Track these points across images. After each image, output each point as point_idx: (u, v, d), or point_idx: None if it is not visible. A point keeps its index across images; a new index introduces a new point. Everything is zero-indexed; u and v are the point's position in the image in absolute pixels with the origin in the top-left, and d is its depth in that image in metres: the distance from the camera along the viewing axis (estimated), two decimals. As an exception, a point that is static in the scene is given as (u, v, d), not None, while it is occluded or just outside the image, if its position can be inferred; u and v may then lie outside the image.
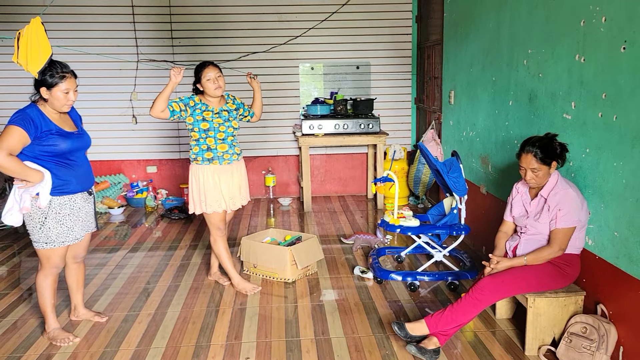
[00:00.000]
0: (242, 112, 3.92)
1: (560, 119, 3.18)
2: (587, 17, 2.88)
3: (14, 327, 3.43)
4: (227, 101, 3.83)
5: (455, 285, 3.85)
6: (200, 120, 3.66)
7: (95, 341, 3.23)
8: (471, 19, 4.59)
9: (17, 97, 5.92)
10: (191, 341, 3.21)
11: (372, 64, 6.65)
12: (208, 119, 3.66)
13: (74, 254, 3.33)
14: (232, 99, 3.89)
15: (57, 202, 3.03)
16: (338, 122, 6.06)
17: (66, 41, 6.04)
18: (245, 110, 3.94)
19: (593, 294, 2.95)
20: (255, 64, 6.47)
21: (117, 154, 6.64)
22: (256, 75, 4.00)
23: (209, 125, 3.66)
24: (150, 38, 6.39)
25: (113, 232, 5.54)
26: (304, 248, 4.10)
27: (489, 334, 3.23)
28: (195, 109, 3.66)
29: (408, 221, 3.91)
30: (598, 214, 2.88)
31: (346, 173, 6.92)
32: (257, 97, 4.00)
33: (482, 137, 4.42)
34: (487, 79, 4.27)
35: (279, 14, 6.47)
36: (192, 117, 3.65)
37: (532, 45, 3.50)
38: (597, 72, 2.81)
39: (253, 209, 6.31)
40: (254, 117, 4.01)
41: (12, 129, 2.85)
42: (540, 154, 2.88)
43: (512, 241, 3.19)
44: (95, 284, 4.10)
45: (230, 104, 3.84)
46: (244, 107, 3.94)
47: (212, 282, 4.10)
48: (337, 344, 3.14)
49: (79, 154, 3.14)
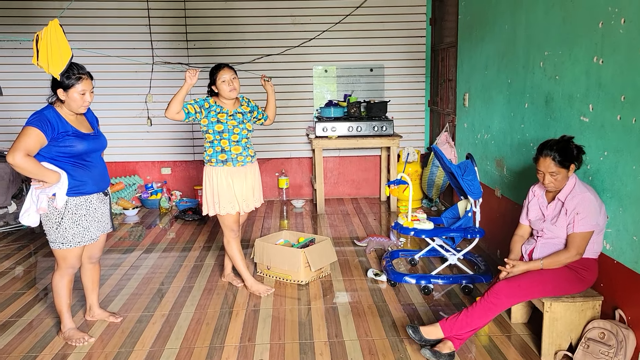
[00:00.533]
0: (256, 115, 3.91)
1: (578, 122, 3.15)
2: (605, 19, 2.84)
3: (30, 327, 3.46)
4: (241, 103, 3.83)
5: (470, 289, 3.82)
6: (214, 122, 3.67)
7: (110, 341, 3.25)
8: (486, 21, 4.56)
9: (34, 99, 5.98)
10: (205, 342, 3.22)
11: (385, 66, 6.63)
12: (222, 120, 3.67)
13: (89, 254, 3.35)
14: (247, 102, 3.89)
15: (73, 203, 3.05)
16: (351, 124, 6.05)
17: (82, 44, 6.10)
18: (260, 113, 3.94)
19: (611, 299, 2.91)
20: (269, 66, 6.48)
21: (132, 156, 6.69)
22: (270, 78, 4.00)
23: (224, 127, 3.67)
24: (165, 41, 6.43)
25: (128, 233, 5.58)
26: (317, 250, 4.10)
27: (504, 339, 3.20)
28: (210, 110, 3.67)
29: (422, 224, 3.89)
30: (616, 218, 2.85)
31: (359, 175, 6.91)
32: (271, 100, 3.99)
33: (497, 139, 4.39)
34: (503, 81, 4.23)
35: (293, 17, 6.48)
36: (206, 119, 3.67)
37: (549, 47, 3.47)
38: (615, 74, 2.78)
39: (266, 211, 6.32)
40: (268, 120, 4.00)
41: (29, 130, 2.88)
42: (558, 157, 2.85)
43: (528, 245, 3.15)
44: (110, 285, 4.12)
45: (244, 106, 3.84)
46: (258, 109, 3.94)
47: (226, 283, 4.11)
48: (350, 346, 3.13)
49: (95, 155, 3.17)
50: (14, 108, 6.32)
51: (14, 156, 2.80)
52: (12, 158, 2.80)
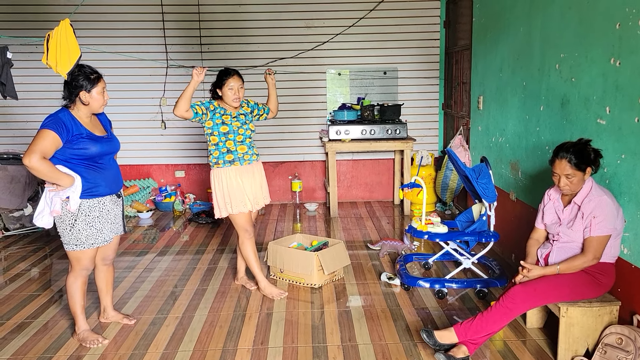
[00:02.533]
0: (258, 112, 3.96)
1: (594, 124, 3.10)
2: (622, 20, 2.81)
3: (45, 328, 3.49)
4: (242, 106, 3.89)
5: (484, 293, 3.78)
6: (220, 123, 3.71)
7: (124, 343, 3.26)
8: (501, 23, 4.53)
9: (49, 103, 6.04)
10: (218, 345, 3.22)
11: (399, 69, 6.61)
12: (227, 122, 3.73)
13: (103, 256, 3.37)
14: (247, 103, 3.95)
15: (86, 205, 3.07)
16: (365, 127, 6.03)
17: (96, 47, 6.15)
18: (260, 109, 3.98)
19: (629, 304, 2.86)
20: (282, 69, 6.50)
21: (146, 159, 6.74)
22: (274, 72, 4.04)
23: (229, 128, 3.72)
24: (179, 44, 6.47)
25: (142, 235, 5.61)
26: (330, 253, 4.08)
27: (519, 344, 3.16)
28: (215, 112, 3.73)
29: (436, 227, 3.86)
30: (634, 222, 2.80)
31: (373, 179, 6.88)
32: (272, 93, 4.03)
33: (511, 143, 4.35)
34: (518, 83, 4.20)
35: (307, 20, 6.49)
36: (211, 121, 3.71)
37: (565, 49, 3.43)
38: (633, 76, 2.74)
39: (279, 214, 6.32)
40: (270, 113, 4.04)
41: (45, 133, 2.91)
42: (574, 160, 2.81)
43: (543, 249, 3.11)
44: (124, 287, 4.14)
45: (245, 107, 3.90)
46: (259, 106, 3.99)
47: (239, 286, 4.11)
48: (364, 350, 3.11)
49: (108, 158, 3.19)
50: (30, 111, 6.39)
51: (30, 158, 2.83)
52: (28, 160, 2.83)
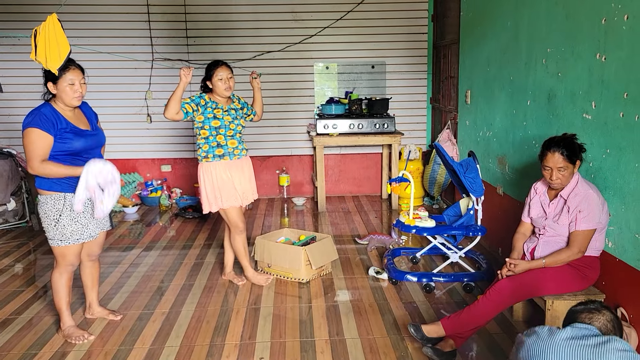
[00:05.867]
0: (246, 112, 3.97)
1: (580, 119, 3.12)
2: (608, 15, 2.82)
3: (30, 325, 3.45)
4: (233, 100, 3.89)
5: (471, 287, 3.80)
6: (211, 118, 3.70)
7: (110, 339, 3.24)
8: (488, 18, 4.54)
9: (33, 96, 5.95)
10: (205, 340, 3.20)
11: (387, 63, 6.60)
12: (219, 116, 3.71)
13: (88, 251, 3.33)
14: (238, 99, 3.96)
15: (71, 200, 3.02)
16: (353, 121, 6.03)
17: (81, 40, 6.08)
18: (249, 109, 4.01)
19: (613, 297, 2.90)
20: (269, 63, 6.46)
21: (131, 153, 6.67)
22: (260, 75, 4.05)
23: (220, 122, 3.71)
24: (165, 37, 6.41)
25: (127, 230, 5.56)
26: (318, 248, 4.08)
27: (505, 336, 3.18)
28: (206, 107, 3.70)
29: (424, 222, 3.87)
30: (619, 216, 2.83)
31: (361, 173, 6.88)
32: (257, 97, 4.05)
33: (499, 137, 4.37)
34: (505, 78, 4.21)
35: (294, 13, 6.45)
36: (202, 115, 3.69)
37: (551, 44, 3.44)
38: (618, 71, 2.76)
39: (267, 209, 6.30)
40: (256, 116, 4.08)
41: (32, 134, 2.86)
42: (566, 152, 2.83)
43: (530, 242, 3.14)
44: (109, 282, 4.11)
45: (236, 103, 3.91)
46: (248, 106, 4.01)
47: (227, 281, 4.10)
48: (351, 344, 3.12)
49: (94, 152, 3.14)
50: (13, 105, 6.30)
51: (32, 167, 2.87)
52: (31, 170, 2.88)
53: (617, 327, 2.01)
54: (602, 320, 1.98)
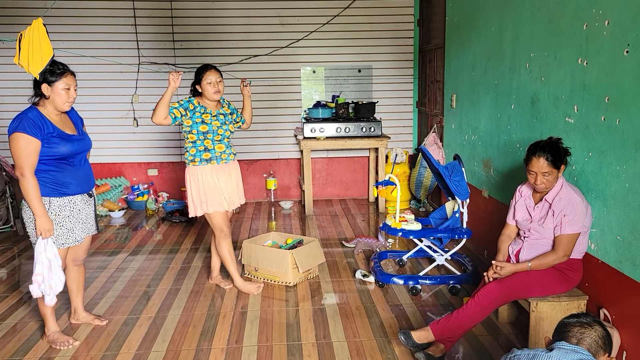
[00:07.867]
0: (235, 118, 3.95)
1: (563, 123, 3.17)
2: (589, 21, 2.87)
3: (14, 330, 3.42)
4: (222, 105, 3.87)
5: (457, 289, 3.83)
6: (199, 122, 3.67)
7: (95, 344, 3.21)
8: (473, 23, 4.58)
9: (18, 100, 5.91)
10: (192, 345, 3.19)
11: (373, 67, 6.64)
12: (207, 121, 3.69)
13: (74, 256, 3.31)
14: (227, 104, 3.93)
15: (56, 204, 3.01)
16: (340, 125, 6.05)
17: (67, 44, 6.04)
18: (238, 116, 3.98)
19: (596, 299, 2.93)
20: (256, 67, 6.47)
21: (118, 157, 6.63)
22: (250, 83, 4.04)
23: (208, 127, 3.69)
24: (151, 41, 6.39)
25: (113, 235, 5.53)
26: (305, 251, 4.09)
27: (491, 339, 3.21)
28: (194, 112, 3.68)
29: (410, 225, 3.90)
30: (601, 218, 2.87)
31: (348, 176, 6.91)
32: (247, 105, 4.02)
33: (484, 140, 4.41)
34: (489, 82, 4.26)
35: (281, 17, 6.47)
36: (190, 119, 3.67)
37: (535, 49, 3.49)
38: (600, 76, 2.80)
39: (254, 213, 6.30)
40: (245, 124, 4.05)
41: (20, 140, 2.84)
42: (551, 157, 2.85)
43: (514, 245, 3.17)
44: (95, 287, 4.08)
45: (225, 108, 3.88)
46: (237, 112, 3.98)
47: (213, 285, 4.09)
48: (338, 348, 3.12)
49: (80, 157, 3.13)
50: None
51: (24, 175, 2.85)
52: (23, 177, 2.85)
53: (607, 343, 1.96)
54: (593, 336, 1.93)
